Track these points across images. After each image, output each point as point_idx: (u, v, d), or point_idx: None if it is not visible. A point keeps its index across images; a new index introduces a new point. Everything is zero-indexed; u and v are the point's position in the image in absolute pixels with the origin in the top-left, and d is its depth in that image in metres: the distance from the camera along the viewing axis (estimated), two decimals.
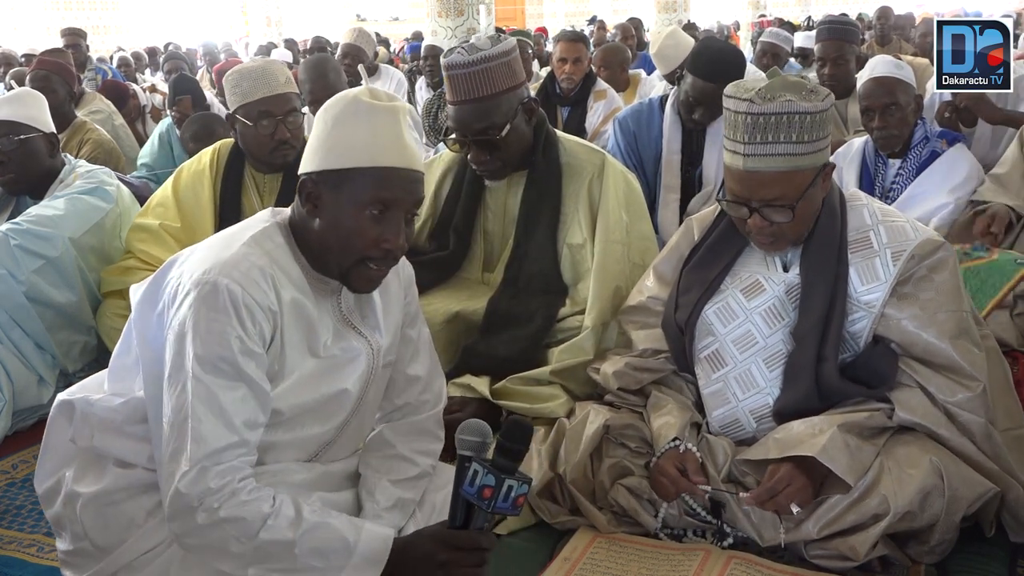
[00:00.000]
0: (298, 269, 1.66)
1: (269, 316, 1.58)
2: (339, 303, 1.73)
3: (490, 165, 2.48)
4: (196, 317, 1.53)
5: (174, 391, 1.53)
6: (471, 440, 1.49)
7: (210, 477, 1.48)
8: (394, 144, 1.61)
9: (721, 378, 2.10)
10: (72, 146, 4.22)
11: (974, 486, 1.88)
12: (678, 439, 2.02)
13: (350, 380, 1.73)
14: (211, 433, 1.50)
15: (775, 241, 2.00)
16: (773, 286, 2.06)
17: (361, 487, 1.81)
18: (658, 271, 2.28)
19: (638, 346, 2.23)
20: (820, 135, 1.91)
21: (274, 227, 1.67)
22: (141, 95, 6.18)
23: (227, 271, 1.55)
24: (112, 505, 1.67)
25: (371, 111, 1.61)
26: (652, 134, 3.62)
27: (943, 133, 3.16)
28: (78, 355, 2.96)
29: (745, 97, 1.90)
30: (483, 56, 2.35)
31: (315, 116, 1.67)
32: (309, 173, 1.63)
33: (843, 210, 2.04)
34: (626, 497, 2.04)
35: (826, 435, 1.87)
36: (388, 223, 1.62)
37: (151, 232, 2.95)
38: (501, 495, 1.44)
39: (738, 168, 1.93)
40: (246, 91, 2.82)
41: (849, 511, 1.86)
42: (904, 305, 1.97)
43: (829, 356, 1.97)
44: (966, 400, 1.93)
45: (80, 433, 1.72)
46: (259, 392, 1.57)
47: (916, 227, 2.03)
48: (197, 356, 1.52)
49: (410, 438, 1.88)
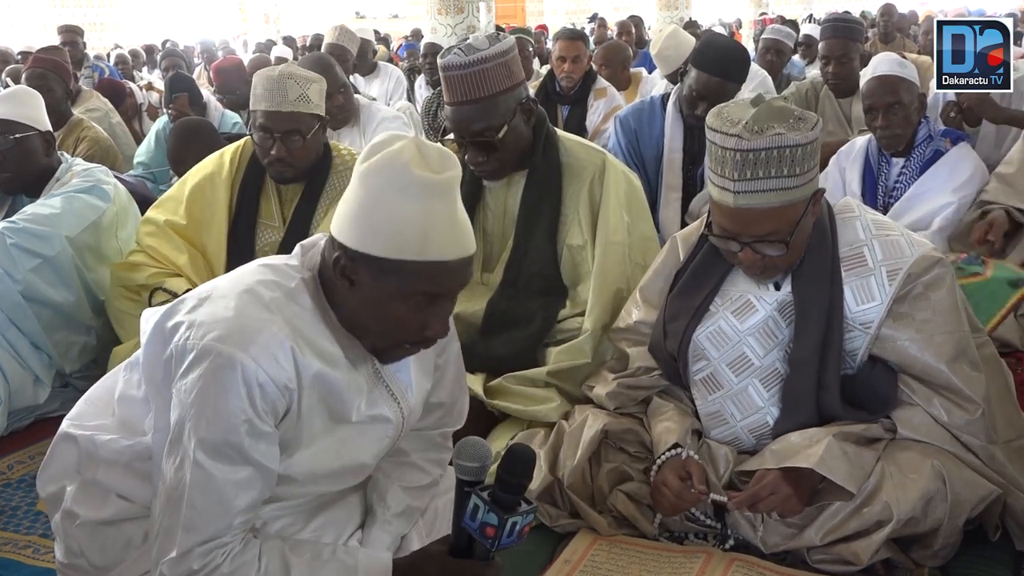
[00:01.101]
0: (328, 333, 1.52)
1: (285, 394, 1.46)
2: (374, 360, 1.60)
3: (487, 166, 2.47)
4: (204, 393, 1.41)
5: (173, 462, 1.44)
6: (469, 466, 1.39)
7: (193, 559, 1.41)
8: (450, 232, 1.44)
9: (717, 400, 2.08)
10: (69, 144, 4.22)
11: (977, 488, 1.87)
12: (679, 445, 2.00)
13: (370, 454, 1.65)
14: (204, 523, 1.42)
15: (766, 271, 1.95)
16: (765, 305, 2.01)
17: (371, 490, 1.78)
18: (644, 294, 2.22)
19: (633, 363, 2.19)
20: (810, 165, 1.84)
21: (300, 287, 1.52)
22: (138, 93, 6.19)
23: (244, 344, 1.41)
24: (111, 526, 1.63)
25: (425, 189, 1.41)
26: (653, 132, 3.62)
27: (947, 132, 3.16)
28: (76, 356, 2.96)
29: (732, 132, 1.81)
30: (480, 57, 2.34)
31: (355, 165, 1.47)
32: (346, 248, 1.45)
33: (833, 225, 1.99)
34: (624, 503, 2.04)
35: (822, 444, 1.85)
36: (434, 312, 1.49)
37: (158, 227, 2.89)
38: (505, 532, 1.36)
39: (727, 205, 1.85)
40: (256, 97, 2.73)
41: (851, 518, 1.86)
42: (900, 326, 1.93)
43: (830, 383, 1.94)
44: (965, 423, 1.91)
45: (85, 466, 1.67)
46: (265, 473, 1.47)
47: (912, 242, 1.97)
48: (200, 440, 1.41)
49: (422, 447, 1.85)
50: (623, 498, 2.04)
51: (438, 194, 1.42)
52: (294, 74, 2.69)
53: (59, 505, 1.69)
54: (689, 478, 1.95)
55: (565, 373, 2.37)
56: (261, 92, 2.70)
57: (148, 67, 11.15)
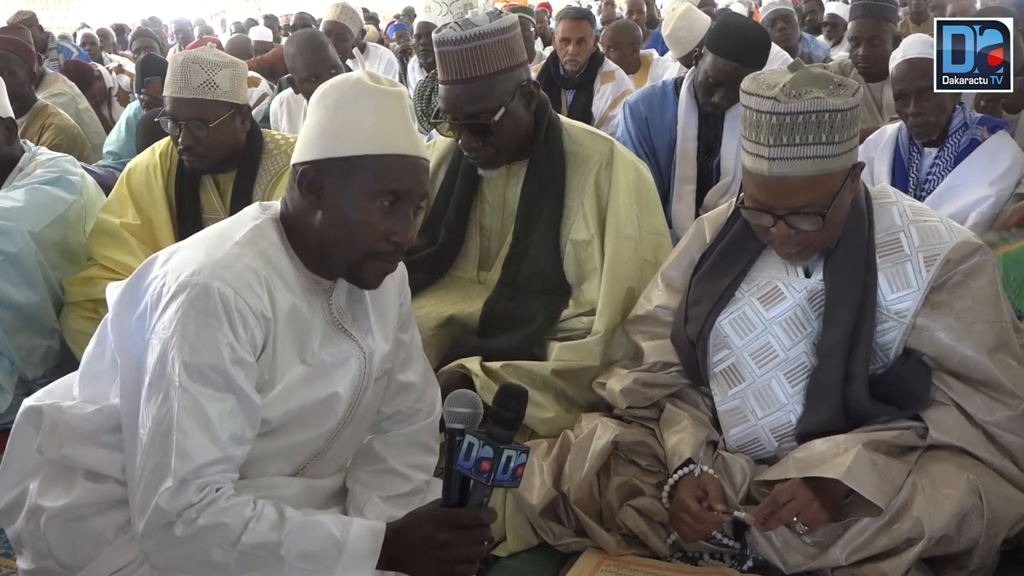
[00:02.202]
0: (292, 269, 1.68)
1: (262, 323, 1.59)
2: (329, 304, 1.74)
3: (482, 152, 2.47)
4: (184, 321, 1.53)
5: (156, 400, 1.54)
6: (462, 412, 1.52)
7: (191, 491, 1.51)
8: (403, 130, 1.64)
9: (738, 394, 2.09)
10: (32, 132, 4.22)
11: (1016, 506, 1.88)
12: (692, 461, 2.01)
13: (341, 384, 1.74)
14: (197, 448, 1.52)
15: (802, 251, 1.97)
16: (794, 293, 2.04)
17: (349, 503, 1.82)
18: (667, 278, 2.26)
19: (648, 358, 2.21)
20: (850, 134, 1.87)
21: (267, 223, 1.68)
22: (107, 76, 6.19)
23: (219, 273, 1.56)
24: (80, 520, 1.68)
25: (377, 95, 1.63)
26: (665, 119, 3.62)
27: (984, 119, 3.16)
28: (39, 361, 2.96)
29: (768, 95, 1.85)
30: (477, 32, 2.34)
31: (310, 98, 1.68)
32: (310, 162, 1.63)
33: (869, 209, 2.02)
34: (635, 519, 2.04)
35: (851, 454, 1.86)
36: (398, 215, 1.64)
37: (112, 235, 2.97)
38: (500, 467, 1.47)
39: (762, 173, 1.88)
40: (165, 82, 2.82)
41: (880, 535, 1.86)
42: (938, 315, 1.95)
43: (858, 375, 1.95)
44: (1006, 419, 1.92)
45: (48, 443, 1.73)
46: (248, 405, 1.58)
47: (951, 228, 2.00)
48: (184, 363, 1.52)
49: (403, 451, 1.89)
50: (633, 514, 2.05)
51: (391, 102, 1.64)
52: (200, 59, 2.76)
53: (20, 510, 1.73)
54: (706, 497, 1.95)
55: (570, 375, 2.36)
56: (168, 77, 2.80)
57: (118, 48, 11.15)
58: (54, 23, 11.56)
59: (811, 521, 1.87)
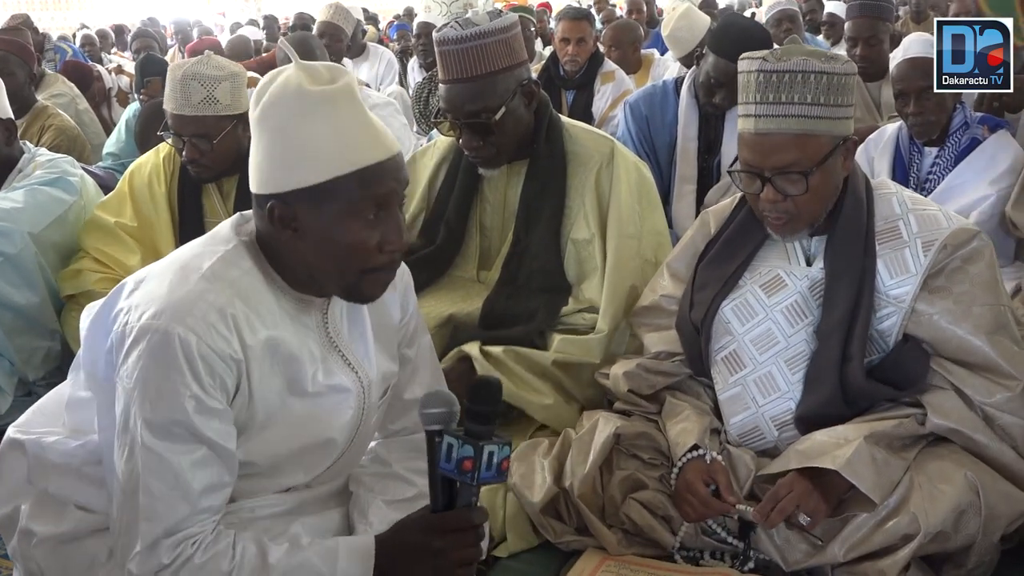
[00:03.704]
0: (271, 296, 1.56)
1: (232, 366, 1.49)
2: (325, 322, 1.64)
3: (483, 152, 2.48)
4: (145, 375, 1.44)
5: (123, 453, 1.47)
6: (436, 412, 1.44)
7: (162, 552, 1.44)
8: (365, 133, 1.49)
9: (739, 381, 2.11)
10: (32, 133, 4.23)
11: (1014, 503, 1.88)
12: (699, 446, 2.02)
13: (336, 428, 1.67)
14: (165, 509, 1.45)
15: (789, 221, 2.00)
16: (795, 281, 2.07)
17: (352, 507, 1.79)
18: (672, 268, 2.30)
19: (651, 349, 2.25)
20: (838, 100, 1.92)
21: (239, 248, 1.56)
22: (107, 77, 6.20)
23: (180, 316, 1.45)
24: (72, 542, 1.64)
25: (324, 102, 1.46)
26: (666, 119, 3.63)
27: (985, 119, 3.16)
28: (39, 362, 2.97)
29: (758, 56, 1.94)
30: (478, 31, 2.35)
31: (250, 117, 1.53)
32: (275, 195, 1.49)
33: (870, 198, 2.06)
34: (639, 513, 2.05)
35: (852, 446, 1.87)
36: (386, 222, 1.52)
37: (106, 230, 2.97)
38: (483, 464, 1.41)
39: (749, 131, 1.96)
40: (165, 95, 2.81)
41: (877, 531, 1.87)
42: (936, 299, 1.98)
43: (855, 355, 1.98)
44: (1005, 400, 1.94)
45: (35, 476, 1.69)
46: (222, 452, 1.50)
47: (949, 216, 2.05)
48: (146, 421, 1.44)
49: (406, 456, 1.86)
50: (637, 507, 2.05)
51: (340, 102, 1.47)
52: (199, 74, 2.73)
53: (15, 527, 1.70)
54: (715, 484, 1.96)
55: (570, 368, 2.38)
56: (168, 92, 2.79)
57: (117, 49, 11.16)
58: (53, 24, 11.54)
59: (812, 511, 1.88)
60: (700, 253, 2.22)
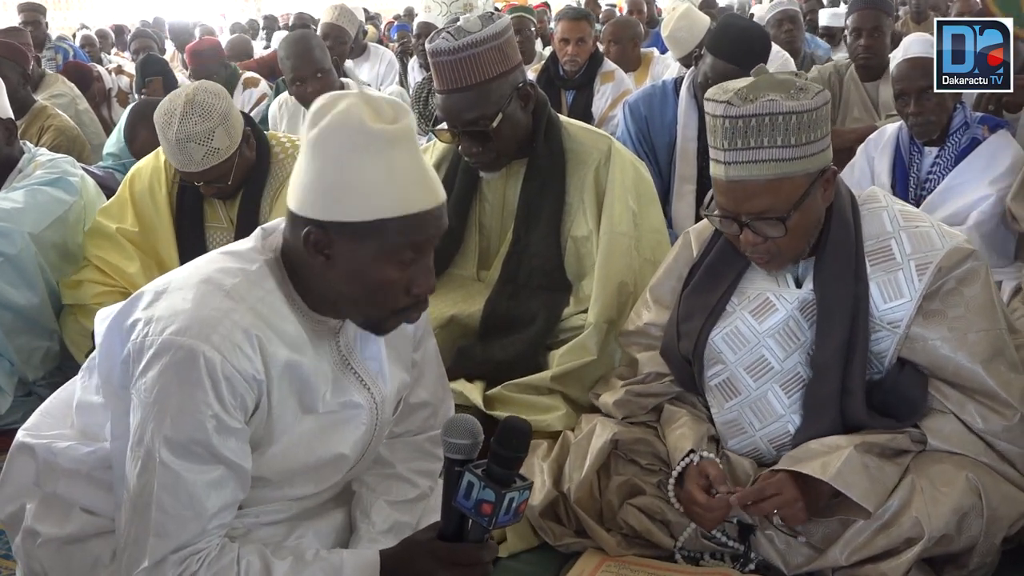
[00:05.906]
0: (293, 318, 1.55)
1: (254, 386, 1.48)
2: (337, 343, 1.64)
3: (483, 157, 2.48)
4: (166, 390, 1.43)
5: (136, 465, 1.46)
6: (459, 443, 1.43)
7: (167, 568, 1.44)
8: (420, 181, 1.48)
9: (735, 407, 2.08)
10: (32, 133, 4.22)
11: (1016, 504, 1.88)
12: (693, 451, 2.01)
13: (348, 443, 1.66)
14: (176, 526, 1.44)
15: (772, 259, 1.95)
16: (785, 304, 2.01)
17: (355, 507, 1.79)
18: (655, 294, 2.23)
19: (642, 368, 2.20)
20: (811, 137, 1.83)
21: (263, 270, 1.54)
22: (107, 77, 6.18)
23: (205, 334, 1.43)
24: (76, 544, 1.64)
25: (383, 142, 1.43)
26: (666, 119, 3.63)
27: (985, 119, 3.16)
28: (39, 362, 2.96)
29: (722, 99, 1.84)
30: (471, 41, 2.34)
31: (307, 136, 1.48)
32: (316, 221, 1.46)
33: (857, 218, 1.99)
34: (637, 518, 2.04)
35: (842, 455, 1.85)
36: (418, 265, 1.52)
37: (108, 237, 2.96)
38: (502, 510, 1.39)
39: (720, 178, 1.88)
40: (165, 152, 2.79)
41: (879, 535, 1.86)
42: (931, 324, 1.93)
43: (855, 389, 1.94)
44: (1003, 430, 1.91)
45: (44, 479, 1.68)
46: (238, 472, 1.49)
47: (943, 233, 1.97)
48: (166, 438, 1.43)
49: (409, 457, 1.87)
50: (635, 512, 2.05)
51: (399, 144, 1.45)
52: (193, 135, 2.63)
53: (19, 525, 1.70)
54: (709, 483, 1.95)
55: (571, 376, 2.38)
56: (166, 152, 2.77)
57: (117, 49, 11.16)
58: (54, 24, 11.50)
59: (790, 518, 1.87)
60: (684, 279, 2.15)
